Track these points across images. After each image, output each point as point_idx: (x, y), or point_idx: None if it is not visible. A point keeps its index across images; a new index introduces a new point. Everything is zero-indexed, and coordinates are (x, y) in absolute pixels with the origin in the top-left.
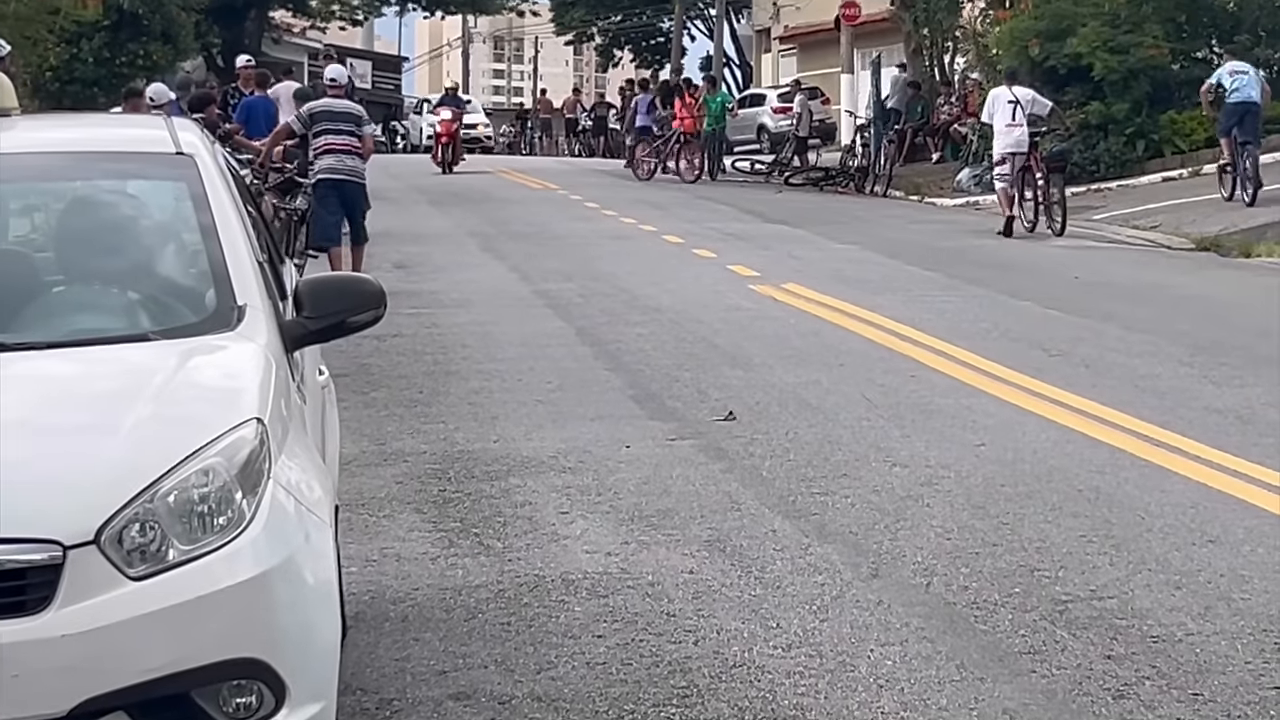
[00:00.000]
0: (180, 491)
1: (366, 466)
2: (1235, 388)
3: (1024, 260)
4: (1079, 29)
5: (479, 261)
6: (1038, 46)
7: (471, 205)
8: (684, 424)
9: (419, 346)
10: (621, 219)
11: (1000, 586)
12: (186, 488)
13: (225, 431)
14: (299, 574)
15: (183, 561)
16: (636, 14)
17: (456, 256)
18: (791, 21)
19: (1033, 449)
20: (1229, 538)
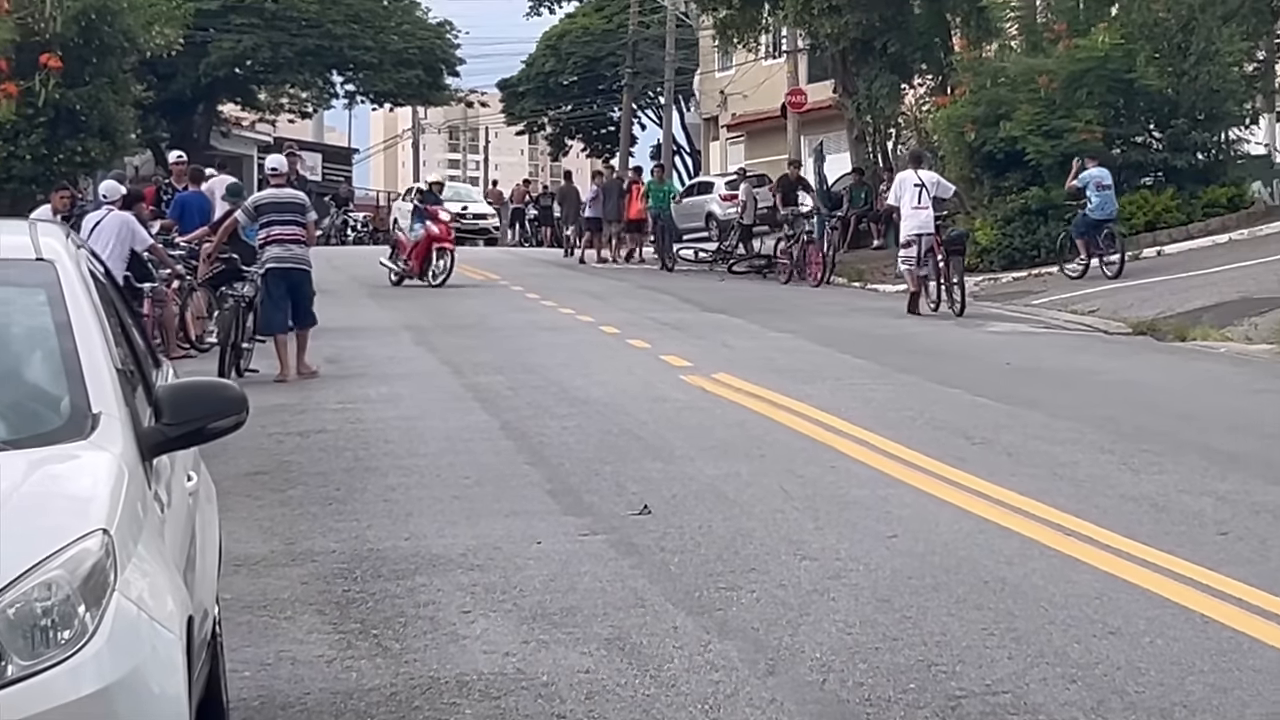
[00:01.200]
0: (21, 605)
1: (274, 566)
2: (1153, 474)
3: (957, 346)
4: (1013, 114)
5: (411, 355)
6: (973, 132)
7: (410, 297)
8: (598, 519)
9: (341, 443)
10: (560, 309)
11: (896, 683)
12: (28, 601)
13: (69, 543)
14: (144, 688)
15: (22, 677)
16: (586, 103)
17: (389, 350)
18: (739, 109)
19: (944, 540)
20: (1130, 629)
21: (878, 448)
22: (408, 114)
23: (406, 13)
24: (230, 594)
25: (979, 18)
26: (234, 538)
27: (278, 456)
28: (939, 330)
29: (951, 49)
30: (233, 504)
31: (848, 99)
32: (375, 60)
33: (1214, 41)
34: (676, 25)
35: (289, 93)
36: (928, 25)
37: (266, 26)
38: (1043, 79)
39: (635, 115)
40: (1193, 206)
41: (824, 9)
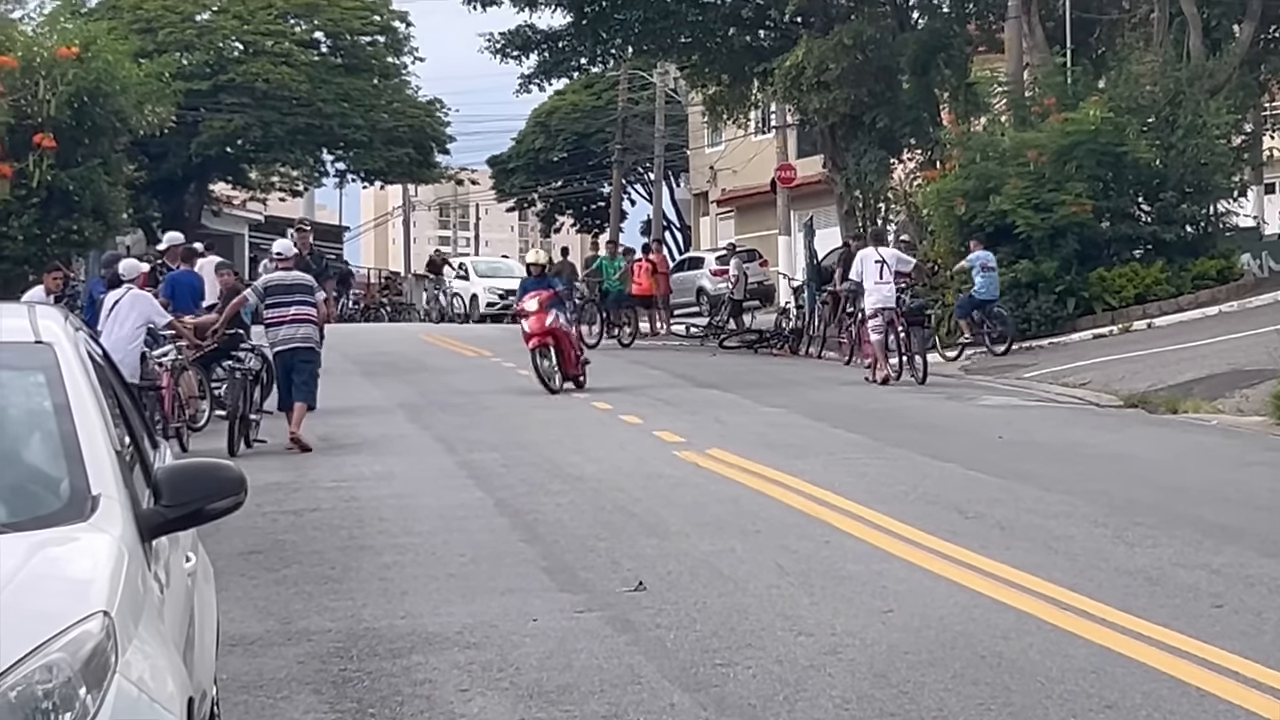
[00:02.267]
0: (23, 688)
1: (270, 646)
2: (1148, 548)
3: (950, 420)
4: (1003, 188)
5: (405, 433)
6: (963, 205)
7: (403, 375)
8: (594, 595)
9: (335, 521)
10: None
11: None
12: (29, 684)
13: (70, 625)
14: None
15: None
16: (576, 179)
17: (383, 428)
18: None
19: (940, 615)
20: (1127, 703)
21: (872, 522)
22: (398, 191)
23: (396, 91)
24: (227, 674)
25: (967, 93)
26: (230, 617)
27: (272, 535)
28: (930, 404)
29: (940, 124)
30: (228, 583)
31: (837, 174)
32: (366, 138)
33: (1202, 115)
34: (666, 101)
35: (280, 171)
36: (916, 100)
37: (257, 106)
38: (1032, 153)
39: (625, 191)
40: (1182, 279)
41: (812, 85)
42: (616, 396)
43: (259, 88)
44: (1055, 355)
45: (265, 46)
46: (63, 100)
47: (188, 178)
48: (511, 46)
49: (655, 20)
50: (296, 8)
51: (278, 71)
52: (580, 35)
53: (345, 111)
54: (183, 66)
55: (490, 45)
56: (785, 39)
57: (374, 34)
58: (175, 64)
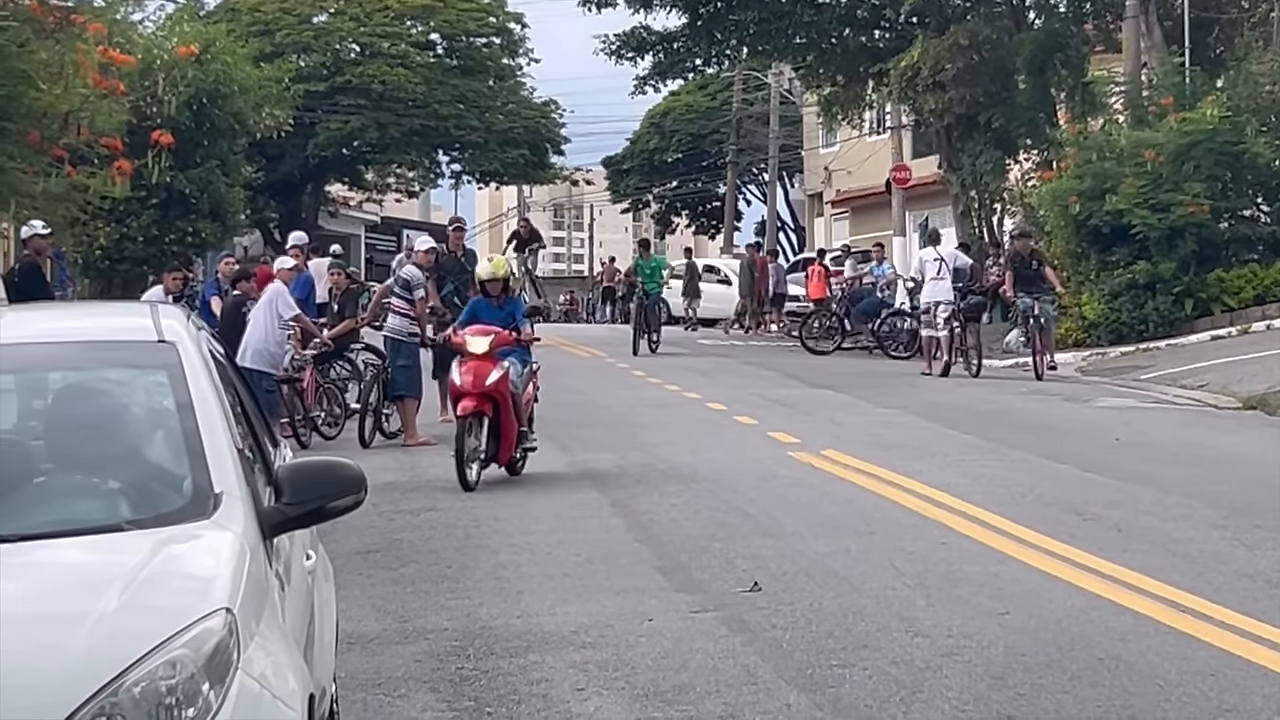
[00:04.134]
0: (147, 684)
1: (387, 645)
2: (1268, 550)
3: (1066, 422)
4: (1119, 188)
5: None
6: (1078, 205)
7: None
8: (709, 596)
9: (452, 520)
10: (666, 386)
11: None
12: (153, 680)
13: (193, 622)
14: None
15: None
16: (691, 180)
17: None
18: (843, 185)
19: (1057, 617)
20: (1247, 706)
21: (988, 524)
22: (513, 192)
23: (511, 93)
24: (345, 672)
25: (1084, 93)
26: (347, 616)
27: (389, 534)
28: (1046, 406)
29: (1056, 124)
30: (345, 582)
31: (952, 174)
32: (481, 140)
33: None
34: (780, 102)
35: (396, 172)
36: (1032, 101)
37: (374, 108)
38: (1149, 153)
39: (740, 191)
40: None
41: (928, 86)
42: (730, 397)
43: (375, 89)
44: (1173, 357)
45: (381, 48)
46: (182, 101)
47: (304, 179)
48: (626, 48)
49: (770, 21)
50: (413, 10)
51: (394, 73)
52: (695, 36)
53: (461, 113)
54: (300, 68)
55: (605, 46)
56: (900, 39)
57: (489, 35)
58: (292, 66)
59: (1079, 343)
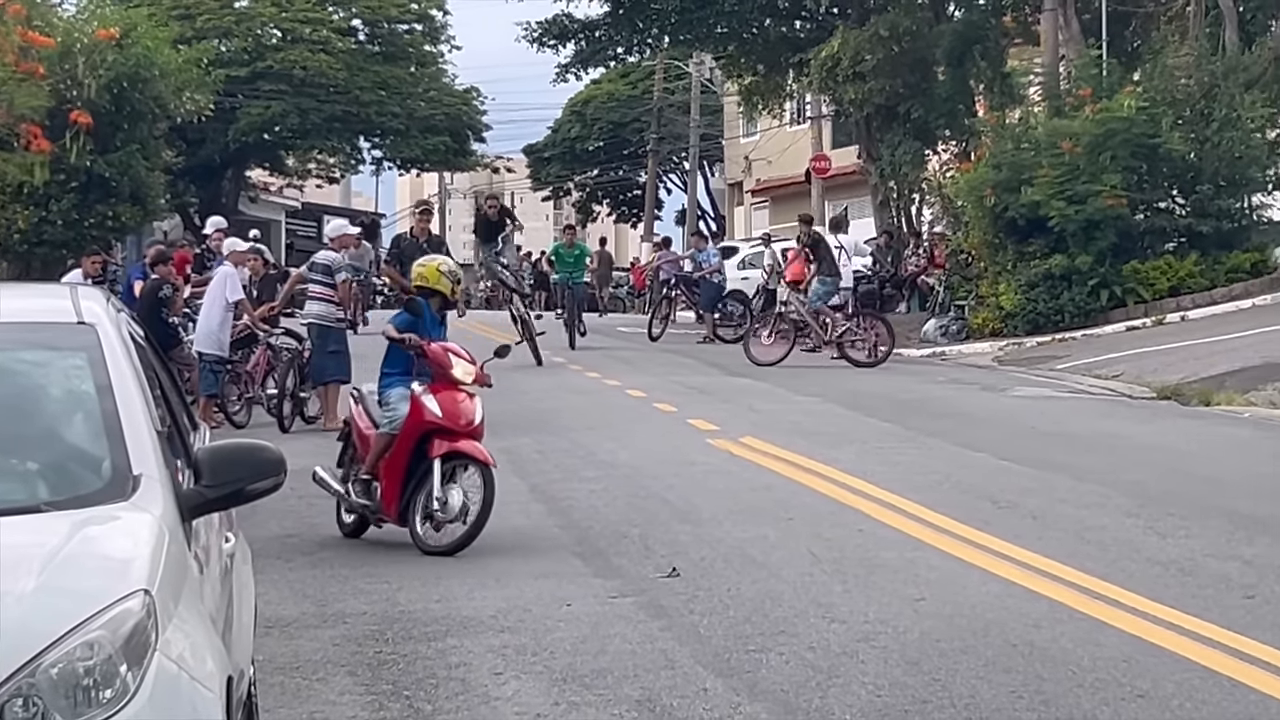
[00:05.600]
0: (64, 665)
1: (306, 628)
2: (1180, 539)
3: (983, 411)
4: (1035, 179)
5: None
6: (993, 196)
7: None
8: (627, 581)
9: None
10: (586, 374)
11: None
12: (70, 661)
13: (111, 603)
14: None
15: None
16: (612, 169)
17: None
18: (763, 175)
19: (972, 603)
20: (1159, 692)
21: (904, 511)
22: (434, 179)
23: (433, 80)
24: (263, 655)
25: (1002, 84)
26: (266, 599)
27: (308, 519)
28: (964, 395)
29: (975, 115)
30: (264, 566)
31: (871, 164)
32: (402, 126)
33: (1237, 108)
34: (701, 91)
35: (317, 158)
36: (951, 92)
37: (295, 93)
38: (1066, 143)
39: (660, 180)
40: (1216, 272)
41: (848, 76)
42: (650, 384)
43: (297, 75)
44: (1088, 347)
45: (303, 34)
46: (102, 85)
47: (225, 164)
48: (548, 35)
49: (692, 10)
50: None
51: (315, 59)
52: (617, 24)
53: (382, 99)
54: (221, 53)
55: (527, 34)
56: (821, 30)
57: (411, 22)
58: (214, 50)
59: (996, 333)
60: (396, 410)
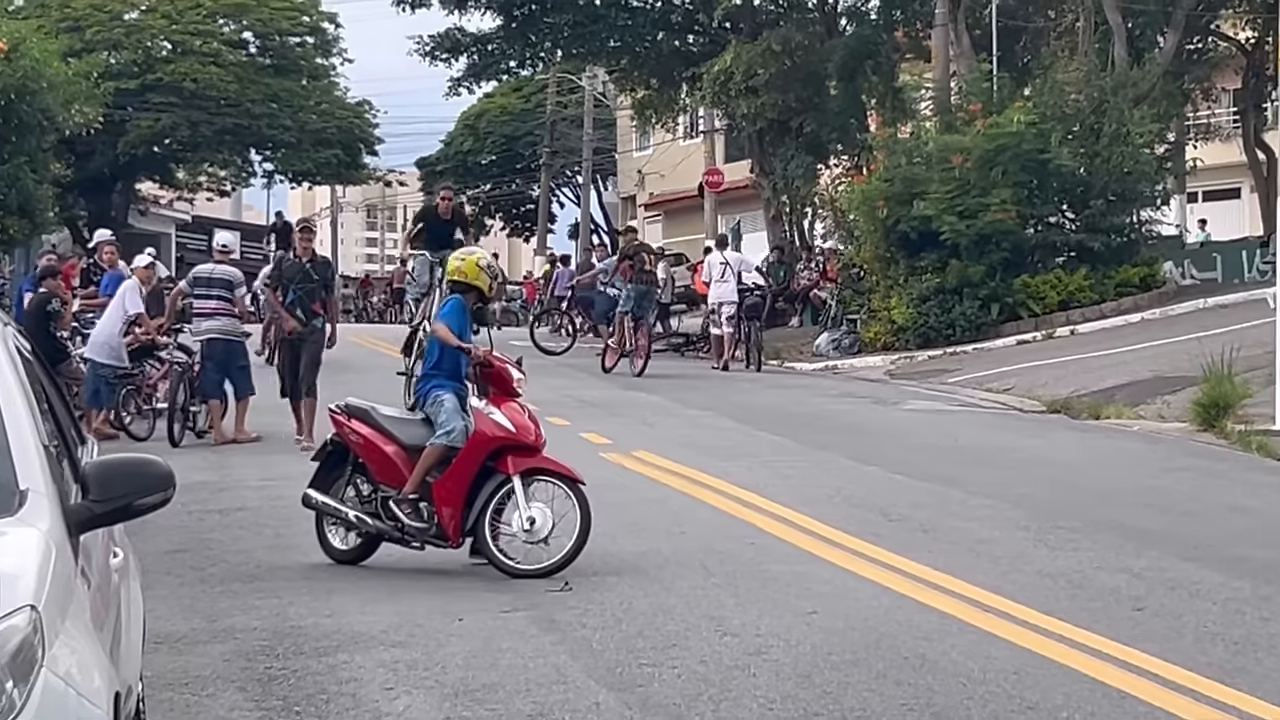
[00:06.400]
0: None
1: (195, 644)
2: (1070, 551)
3: (875, 424)
4: (927, 193)
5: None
6: (885, 208)
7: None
8: (519, 595)
9: (262, 520)
10: None
11: None
12: None
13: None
14: None
15: None
16: (505, 182)
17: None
18: (656, 189)
19: (864, 616)
20: (1048, 704)
21: (796, 524)
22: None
23: (325, 93)
24: (153, 671)
25: (894, 99)
26: (155, 615)
27: (198, 534)
28: (855, 409)
29: (867, 129)
30: (154, 581)
31: (764, 179)
32: (293, 139)
33: (1126, 124)
34: (594, 105)
35: (207, 171)
36: (843, 106)
37: (185, 105)
38: (957, 157)
39: (554, 194)
40: (1106, 286)
41: (741, 90)
42: (543, 398)
43: (187, 87)
44: (979, 361)
45: (194, 46)
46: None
47: (115, 177)
48: (441, 49)
49: (584, 24)
50: (225, 8)
51: (206, 71)
52: (509, 38)
53: (273, 112)
54: (110, 65)
55: (419, 48)
56: (714, 44)
57: (303, 35)
58: (103, 63)
59: (888, 346)
60: (453, 422)
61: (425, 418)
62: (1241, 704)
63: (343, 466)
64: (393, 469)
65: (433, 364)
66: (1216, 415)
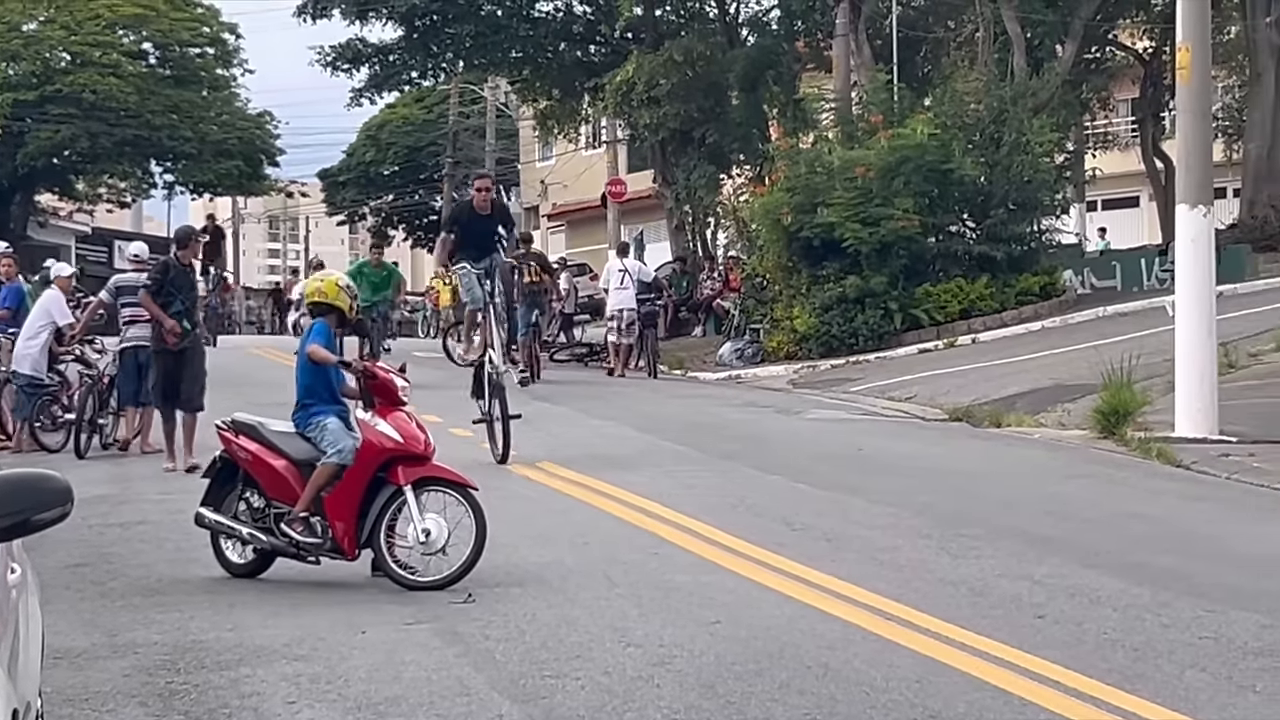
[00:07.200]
0: None
1: (96, 659)
2: (972, 559)
3: (778, 433)
4: (830, 202)
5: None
6: (789, 217)
7: (230, 387)
8: (423, 607)
9: (163, 534)
10: None
11: None
12: None
13: None
14: None
15: None
16: (408, 193)
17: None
18: (559, 199)
19: (767, 625)
20: (949, 712)
21: (700, 534)
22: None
23: (226, 104)
24: (52, 687)
25: (795, 109)
26: (55, 630)
27: (99, 548)
28: (759, 418)
29: (769, 139)
30: (53, 596)
31: (667, 188)
32: (194, 150)
33: (1025, 133)
34: (496, 116)
35: (108, 182)
36: (745, 116)
37: (85, 117)
38: (860, 169)
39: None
40: (1006, 294)
41: (643, 101)
42: (447, 408)
43: (86, 99)
44: (882, 369)
45: (93, 57)
46: None
47: (13, 188)
48: (342, 60)
49: (486, 35)
50: (125, 19)
51: (105, 82)
52: (411, 49)
53: (174, 123)
54: (9, 77)
55: (321, 58)
56: (616, 55)
57: (203, 46)
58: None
59: (790, 356)
60: (343, 441)
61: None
62: (1142, 710)
63: (233, 481)
64: (283, 484)
65: (304, 392)
66: (1116, 423)
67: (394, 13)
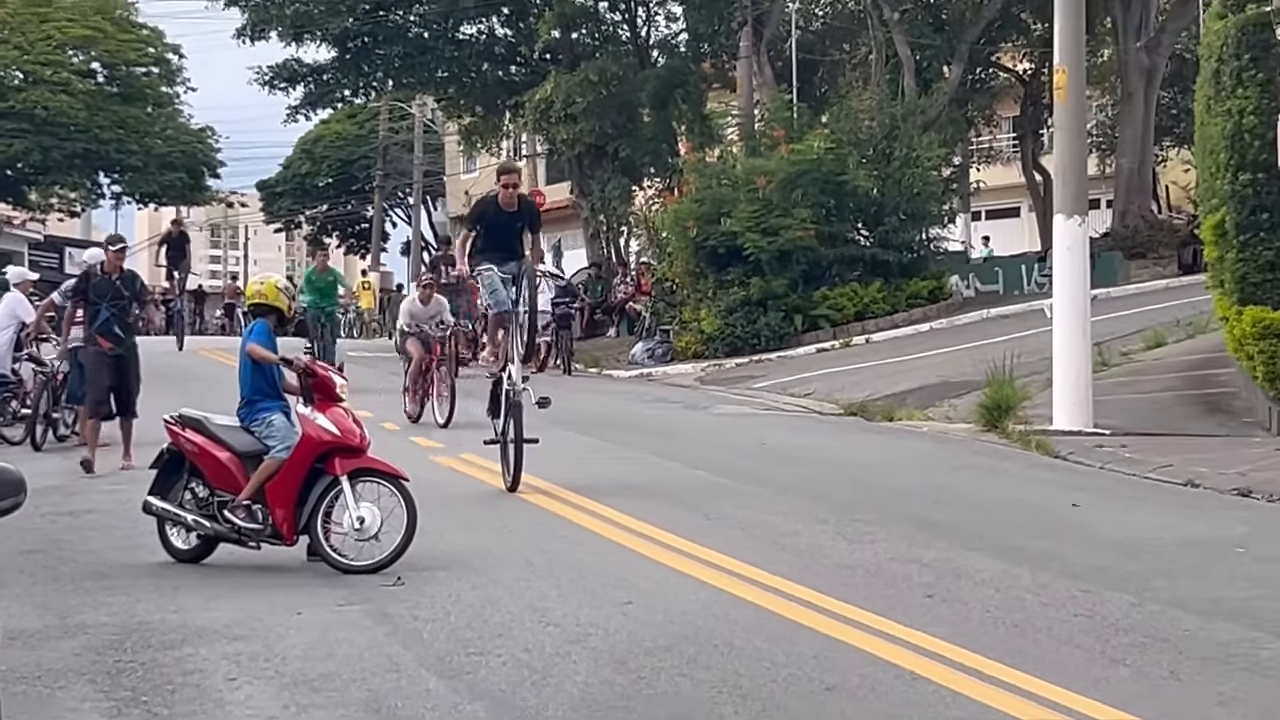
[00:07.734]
0: None
1: (48, 640)
2: (866, 544)
3: (686, 427)
4: (733, 212)
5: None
6: (695, 228)
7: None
8: (355, 590)
9: (111, 522)
10: None
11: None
12: None
13: None
14: None
15: None
16: (341, 203)
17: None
18: None
19: (675, 606)
20: (846, 685)
21: (615, 521)
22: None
23: (170, 119)
24: (6, 666)
25: (702, 125)
26: (9, 613)
27: (50, 535)
28: (667, 413)
29: (678, 154)
30: (7, 580)
31: (583, 199)
32: (140, 163)
33: (915, 148)
34: (424, 131)
35: (58, 193)
36: (655, 132)
37: (37, 131)
38: (762, 180)
39: (386, 214)
40: (898, 298)
41: (560, 117)
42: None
43: (38, 114)
44: (782, 368)
45: (44, 75)
46: None
47: None
48: (279, 79)
49: (413, 55)
50: (75, 40)
51: (57, 99)
52: (343, 69)
53: (121, 137)
54: None
55: (259, 77)
56: (535, 74)
57: (148, 65)
58: None
59: (698, 355)
60: (288, 436)
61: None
62: (1023, 684)
63: (180, 472)
64: (227, 475)
65: (249, 389)
66: (999, 416)
67: (327, 35)
